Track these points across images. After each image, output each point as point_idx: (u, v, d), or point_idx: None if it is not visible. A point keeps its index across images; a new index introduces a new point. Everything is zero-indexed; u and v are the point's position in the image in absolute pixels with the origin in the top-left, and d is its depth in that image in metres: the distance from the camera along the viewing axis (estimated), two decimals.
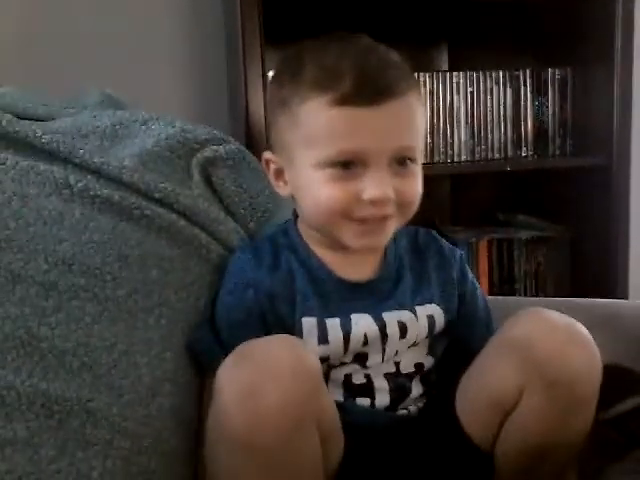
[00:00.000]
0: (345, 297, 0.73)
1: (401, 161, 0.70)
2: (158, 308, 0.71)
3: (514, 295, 1.65)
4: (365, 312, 0.72)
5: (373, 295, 0.74)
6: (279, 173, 0.75)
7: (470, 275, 0.81)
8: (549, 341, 0.65)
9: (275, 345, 0.62)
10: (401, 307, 0.74)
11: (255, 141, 1.33)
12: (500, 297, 0.82)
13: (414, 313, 0.74)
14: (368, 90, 0.66)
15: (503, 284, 1.67)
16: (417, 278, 0.77)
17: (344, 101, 0.66)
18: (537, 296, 1.68)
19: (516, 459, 0.69)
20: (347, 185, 0.68)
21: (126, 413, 0.62)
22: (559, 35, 1.66)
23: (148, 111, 0.92)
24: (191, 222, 0.79)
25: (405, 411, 0.74)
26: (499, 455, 0.70)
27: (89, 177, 0.75)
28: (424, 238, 0.80)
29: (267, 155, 0.76)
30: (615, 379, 0.77)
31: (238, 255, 0.78)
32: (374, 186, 0.68)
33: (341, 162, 0.68)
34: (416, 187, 0.72)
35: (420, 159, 0.72)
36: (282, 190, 0.76)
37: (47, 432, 0.56)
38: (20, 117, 0.80)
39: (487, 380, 0.70)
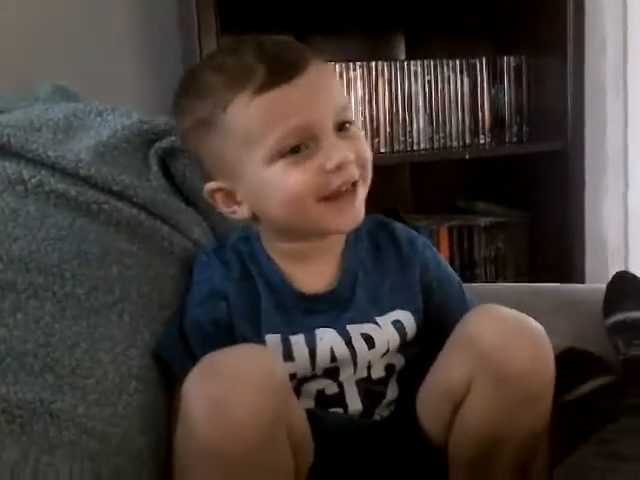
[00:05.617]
0: (307, 311, 0.72)
1: (341, 126, 0.68)
2: (120, 304, 0.69)
3: (475, 280, 1.67)
4: (329, 326, 0.71)
5: (334, 307, 0.72)
6: (229, 197, 0.71)
7: (435, 259, 0.79)
8: (494, 335, 0.64)
9: (241, 356, 0.61)
10: (362, 317, 0.72)
11: None
12: (466, 284, 0.82)
13: (376, 323, 0.72)
14: (282, 67, 0.65)
15: (464, 270, 1.68)
16: (377, 285, 0.74)
17: (265, 87, 0.65)
18: (497, 281, 1.71)
19: (467, 452, 0.68)
20: (307, 165, 0.66)
21: (92, 413, 0.60)
22: (513, 23, 1.68)
23: (102, 102, 0.90)
24: (151, 215, 0.77)
25: (378, 417, 0.73)
26: (451, 447, 0.69)
27: (43, 172, 0.73)
28: (384, 237, 0.77)
29: (211, 185, 0.71)
30: (577, 362, 0.78)
31: (205, 260, 0.75)
32: (334, 152, 0.66)
33: (290, 148, 0.66)
34: (366, 147, 0.70)
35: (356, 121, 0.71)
36: (239, 213, 0.71)
37: (9, 438, 0.54)
38: None
39: (437, 373, 0.70)
